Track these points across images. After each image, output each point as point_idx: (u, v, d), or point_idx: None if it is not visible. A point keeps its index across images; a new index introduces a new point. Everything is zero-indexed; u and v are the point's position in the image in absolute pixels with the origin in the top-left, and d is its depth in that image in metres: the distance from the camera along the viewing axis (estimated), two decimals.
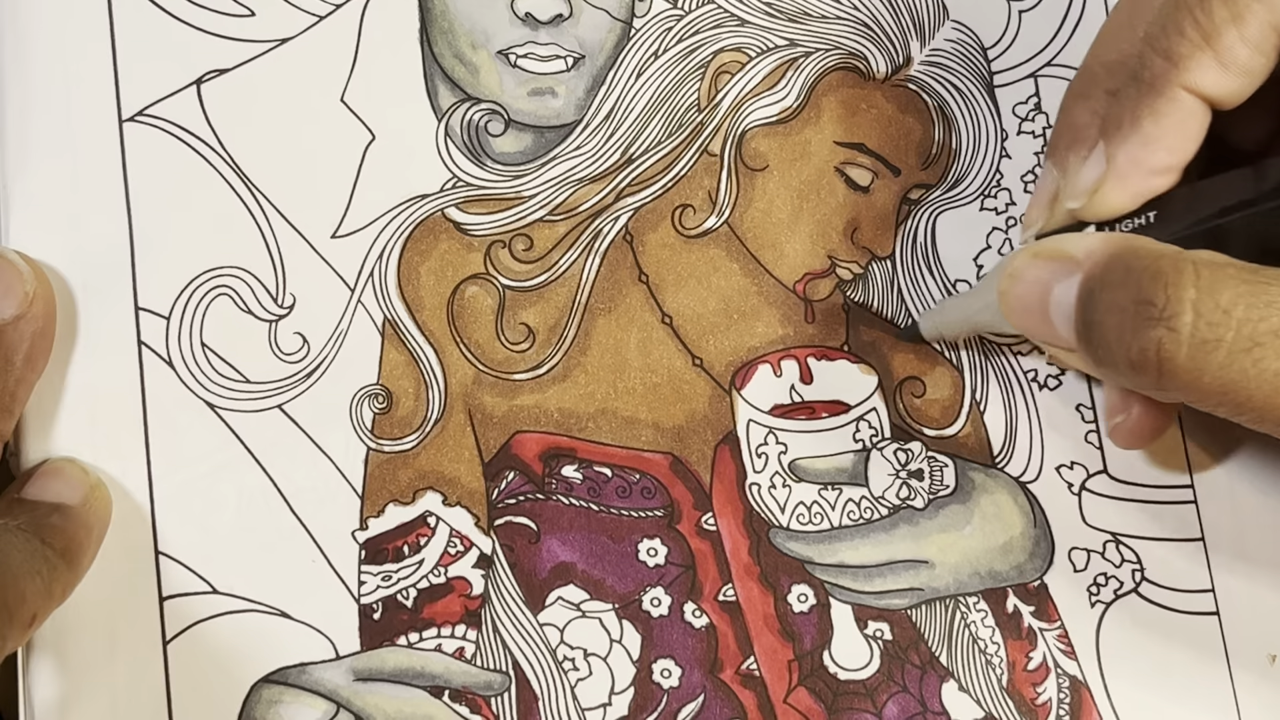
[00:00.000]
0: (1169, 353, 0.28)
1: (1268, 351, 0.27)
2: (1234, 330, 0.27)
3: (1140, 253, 0.29)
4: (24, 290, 0.33)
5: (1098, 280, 0.30)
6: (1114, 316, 0.29)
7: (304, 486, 0.35)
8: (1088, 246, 0.30)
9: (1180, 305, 0.28)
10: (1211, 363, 0.28)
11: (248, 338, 0.35)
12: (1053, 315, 0.31)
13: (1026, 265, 0.32)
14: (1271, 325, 0.27)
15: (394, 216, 0.37)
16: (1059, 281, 0.31)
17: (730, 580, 0.36)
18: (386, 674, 0.35)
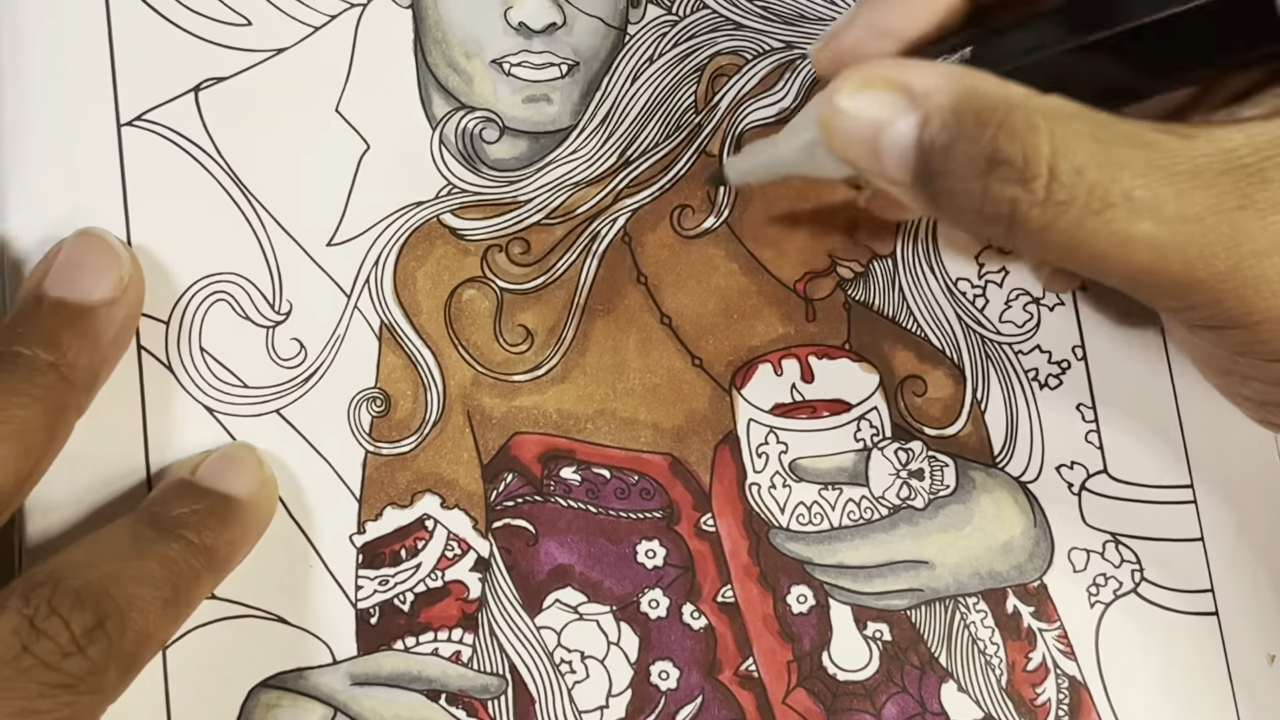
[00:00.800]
0: (1022, 211, 0.28)
1: (1118, 213, 0.27)
2: (1086, 191, 0.27)
3: (989, 99, 0.28)
4: (120, 275, 0.33)
5: (943, 127, 0.28)
6: (964, 168, 0.28)
7: (301, 491, 0.35)
8: (927, 80, 0.29)
9: (1037, 166, 0.27)
10: (1063, 221, 0.27)
11: (246, 343, 0.36)
12: (884, 154, 0.29)
13: (855, 96, 0.29)
14: (1122, 187, 0.27)
15: (389, 223, 0.37)
16: (894, 118, 0.29)
17: (729, 581, 0.37)
18: (383, 678, 0.35)
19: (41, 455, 0.31)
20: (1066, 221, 0.27)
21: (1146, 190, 0.27)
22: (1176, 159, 0.27)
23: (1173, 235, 0.27)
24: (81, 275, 0.32)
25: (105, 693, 0.29)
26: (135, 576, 0.30)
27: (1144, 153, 0.27)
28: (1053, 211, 0.27)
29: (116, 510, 0.34)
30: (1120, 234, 0.27)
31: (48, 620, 0.28)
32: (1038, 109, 0.28)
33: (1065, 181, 0.27)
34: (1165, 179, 0.27)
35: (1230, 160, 0.27)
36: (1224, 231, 0.27)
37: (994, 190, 0.28)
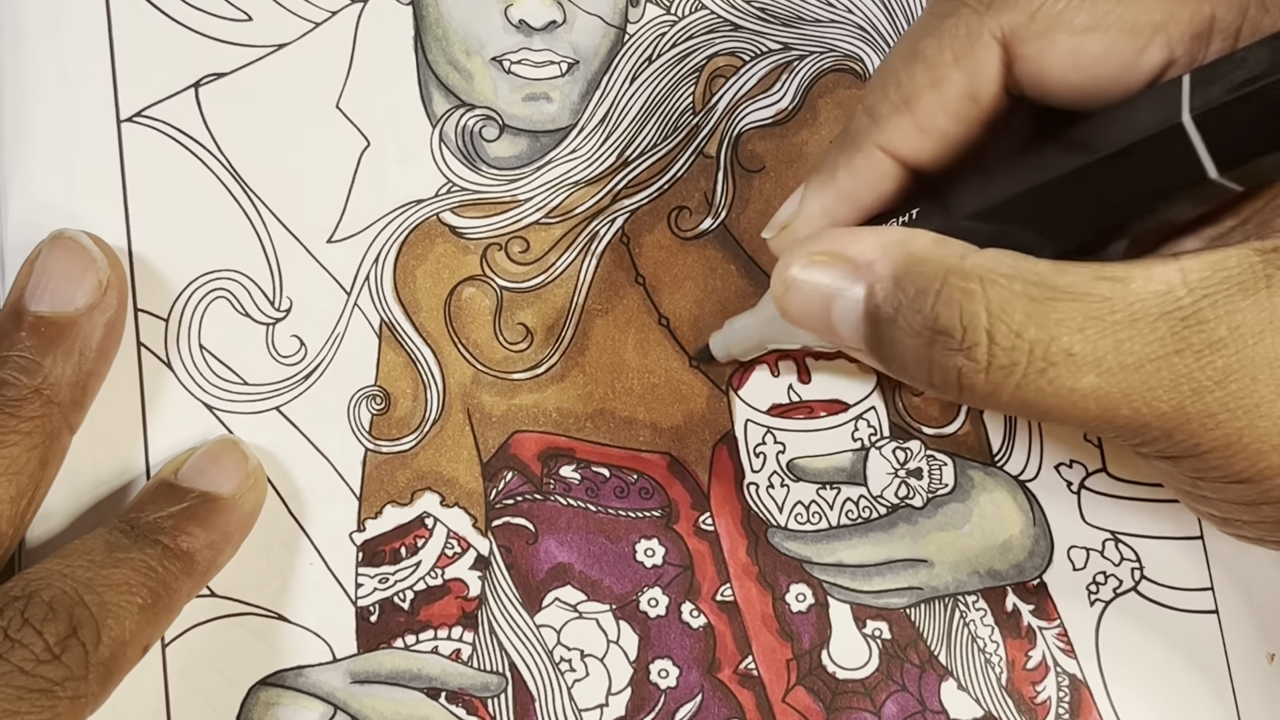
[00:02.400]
0: (969, 381, 0.28)
1: (1060, 370, 0.28)
2: (1027, 354, 0.28)
3: (926, 264, 0.29)
4: (98, 279, 0.32)
5: (885, 300, 0.29)
6: (909, 340, 0.29)
7: (301, 488, 0.35)
8: (866, 252, 0.30)
9: (976, 335, 0.28)
10: (1009, 384, 0.28)
11: (246, 340, 0.35)
12: (837, 325, 0.30)
13: (803, 272, 0.30)
14: (1063, 345, 0.27)
15: (389, 221, 0.37)
16: (841, 289, 0.30)
17: (728, 580, 0.36)
18: (383, 676, 0.35)
19: (36, 488, 0.31)
20: (1011, 384, 0.28)
21: (1085, 345, 0.27)
22: (1114, 308, 0.27)
23: (1115, 385, 0.28)
24: (58, 285, 0.32)
25: (85, 698, 0.29)
26: (109, 584, 0.30)
27: (1080, 306, 0.27)
28: (997, 375, 0.28)
29: (116, 511, 0.34)
30: (1065, 389, 0.28)
31: (21, 630, 0.28)
32: (973, 271, 0.28)
33: (1005, 345, 0.28)
34: (1103, 331, 0.27)
35: (1166, 303, 0.27)
36: (1164, 375, 0.27)
37: (938, 359, 0.29)
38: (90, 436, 0.34)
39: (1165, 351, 0.27)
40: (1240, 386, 0.27)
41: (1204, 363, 0.27)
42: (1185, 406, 0.28)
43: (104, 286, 0.32)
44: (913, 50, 0.30)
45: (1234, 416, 0.27)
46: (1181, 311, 0.27)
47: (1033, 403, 0.28)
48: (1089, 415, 0.28)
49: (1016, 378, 0.28)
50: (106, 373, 0.33)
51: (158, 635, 0.32)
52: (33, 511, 0.32)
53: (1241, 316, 0.27)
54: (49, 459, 0.31)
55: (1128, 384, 0.27)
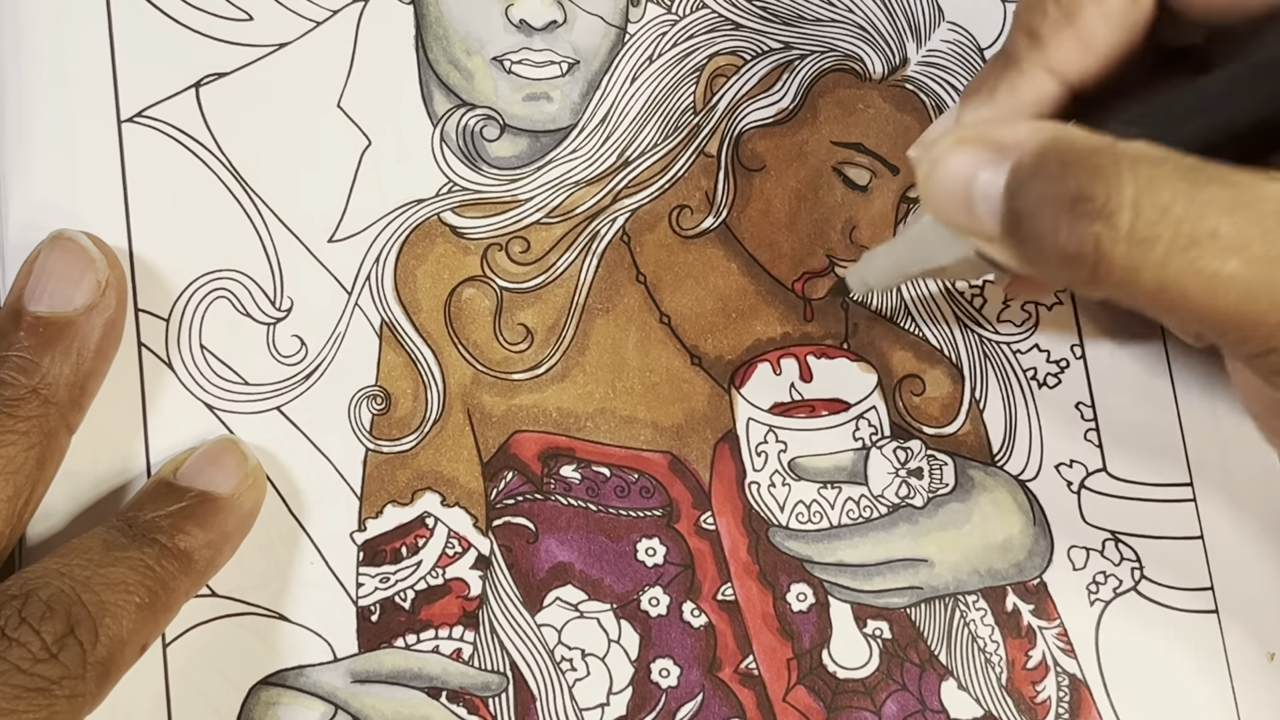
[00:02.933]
0: (1106, 249, 0.27)
1: (1204, 251, 0.27)
2: (1172, 229, 0.27)
3: (1075, 144, 0.28)
4: (96, 279, 0.32)
5: (1029, 170, 0.28)
6: (1048, 209, 0.28)
7: (302, 488, 0.35)
8: (1017, 134, 0.29)
9: (1119, 201, 0.27)
10: (1149, 260, 0.27)
11: (246, 340, 0.35)
12: (976, 204, 0.30)
13: (949, 150, 0.30)
14: (1208, 225, 0.27)
15: (390, 221, 0.37)
16: (985, 169, 0.29)
17: (729, 579, 0.36)
18: (384, 676, 0.35)
19: (33, 488, 0.31)
20: (1152, 260, 0.27)
21: (1233, 228, 0.27)
22: (1264, 197, 0.27)
23: (1259, 274, 0.27)
24: (57, 285, 0.32)
25: (83, 697, 0.29)
26: (107, 583, 0.30)
27: (1231, 191, 0.27)
28: (1137, 249, 0.27)
29: (115, 511, 0.34)
30: (1207, 272, 0.27)
31: (18, 629, 0.28)
32: (1123, 151, 0.28)
33: (1149, 218, 0.27)
34: (1252, 218, 0.27)
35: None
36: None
37: (1077, 228, 0.28)
38: (90, 436, 0.34)
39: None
40: None
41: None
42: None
43: (103, 287, 0.32)
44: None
45: None
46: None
47: (1170, 284, 0.27)
48: (1226, 305, 0.27)
49: (1158, 252, 0.27)
50: (105, 373, 0.33)
51: (156, 635, 0.32)
52: (31, 511, 0.32)
53: None
54: (47, 459, 0.31)
55: (1271, 275, 0.27)
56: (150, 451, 0.34)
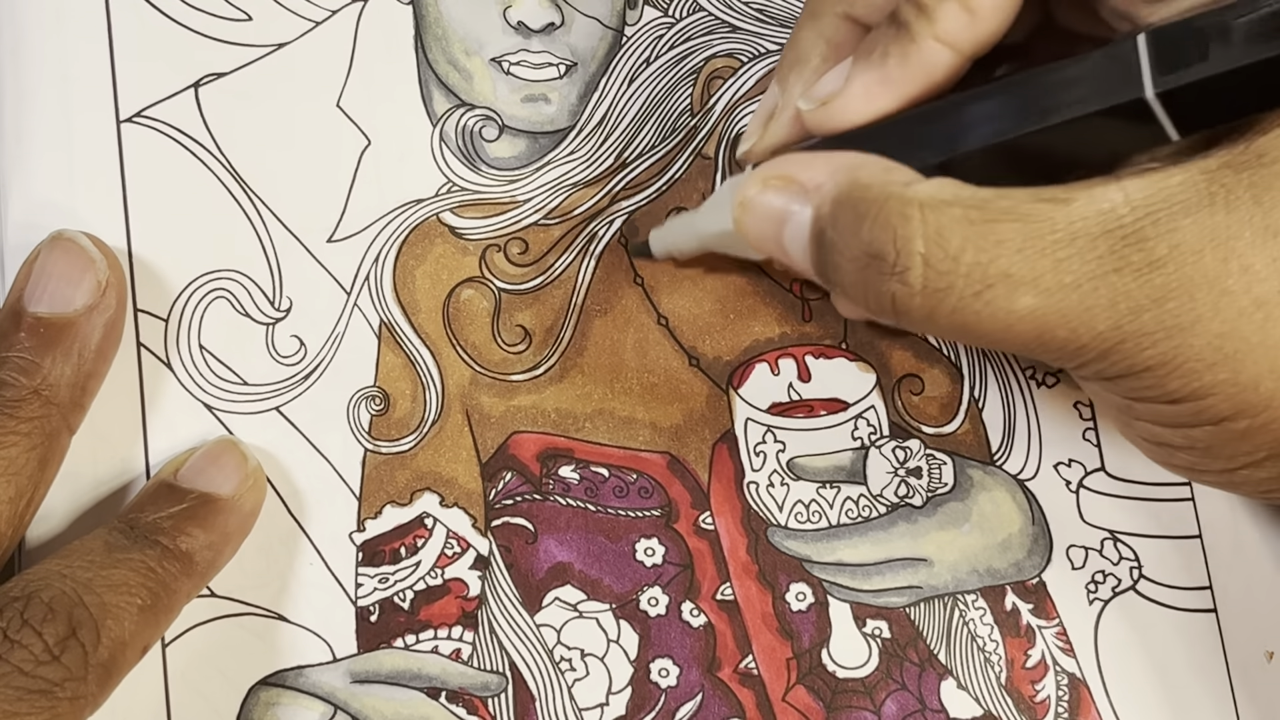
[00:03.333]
0: (903, 303, 0.29)
1: (997, 292, 0.28)
2: (964, 276, 0.28)
3: (869, 194, 0.29)
4: (96, 279, 0.32)
5: (828, 220, 0.30)
6: (848, 264, 0.29)
7: (301, 489, 0.35)
8: (815, 177, 0.30)
9: (910, 259, 0.28)
10: (944, 306, 0.28)
11: (245, 340, 0.35)
12: (788, 246, 0.31)
13: (758, 194, 0.31)
14: (1000, 267, 0.27)
15: (389, 221, 0.37)
16: (791, 212, 0.31)
17: (728, 579, 0.36)
18: (383, 676, 0.35)
19: (35, 489, 0.31)
20: (946, 307, 0.28)
21: (1024, 265, 0.27)
22: (1054, 227, 0.27)
23: (1053, 305, 0.27)
24: (57, 286, 0.32)
25: (85, 699, 0.29)
26: (109, 584, 0.30)
27: (1020, 227, 0.27)
28: (933, 299, 0.28)
29: (116, 512, 0.34)
30: (1002, 311, 0.28)
31: (20, 631, 0.28)
32: (914, 198, 0.28)
33: (941, 269, 0.28)
34: (1041, 251, 0.27)
35: (1107, 221, 0.27)
36: (1102, 294, 0.27)
37: (873, 284, 0.29)
38: (90, 437, 0.34)
39: (1104, 270, 0.27)
40: (1178, 304, 0.27)
41: (1142, 281, 0.27)
42: (1122, 325, 0.27)
43: (103, 287, 0.32)
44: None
45: (1169, 335, 0.27)
46: (1123, 230, 0.27)
47: (969, 325, 0.28)
48: (1026, 337, 0.28)
49: (952, 301, 0.28)
50: (105, 373, 0.33)
51: (157, 636, 0.32)
52: (32, 512, 0.31)
53: (1182, 235, 0.27)
54: (48, 459, 0.31)
55: (1065, 304, 0.27)
56: (150, 452, 0.34)
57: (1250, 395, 0.28)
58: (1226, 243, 0.27)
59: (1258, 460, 0.29)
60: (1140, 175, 0.28)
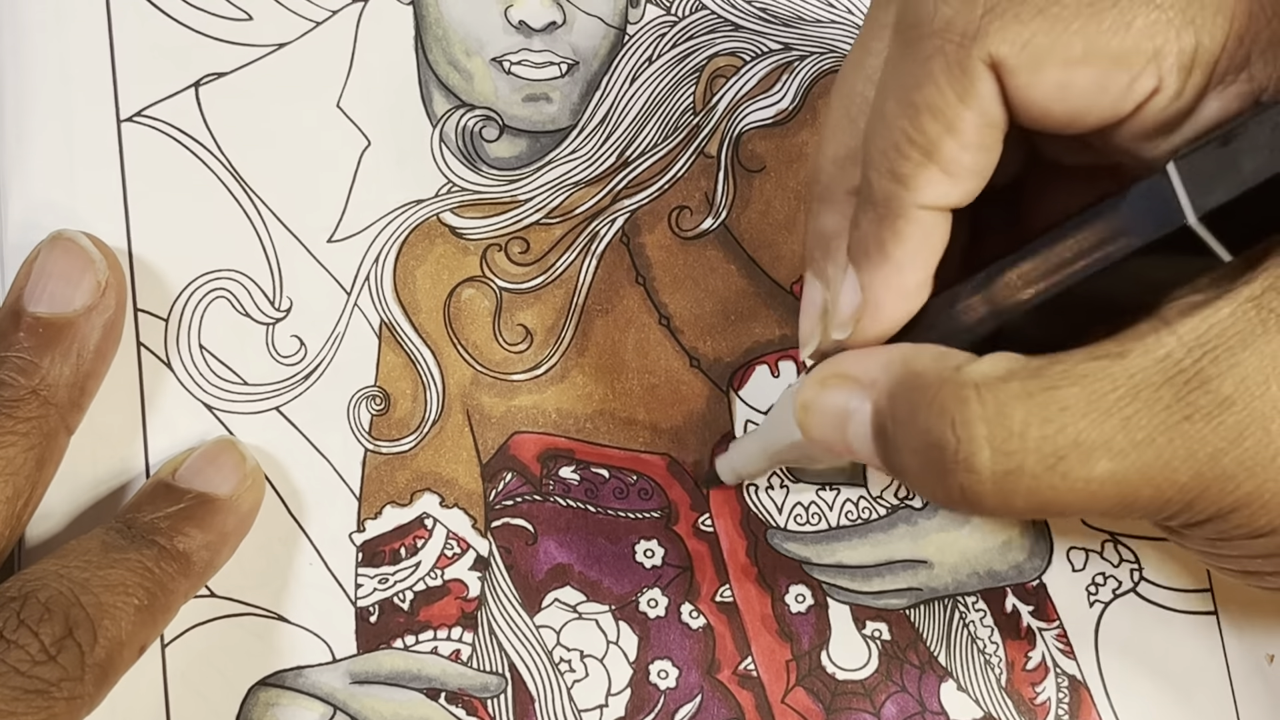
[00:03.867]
0: (975, 493, 0.27)
1: (1071, 463, 0.26)
2: (1034, 452, 0.26)
3: (921, 379, 0.28)
4: (96, 279, 0.32)
5: (888, 415, 0.28)
6: (913, 459, 0.28)
7: (301, 489, 0.35)
8: (869, 372, 0.29)
9: (973, 445, 0.27)
10: (1020, 489, 0.27)
11: (245, 340, 0.35)
12: (854, 444, 0.30)
13: (818, 396, 0.30)
14: (1069, 436, 0.26)
15: (389, 221, 0.36)
16: (852, 410, 0.29)
17: (728, 581, 0.36)
18: (383, 677, 0.35)
19: (33, 488, 0.31)
20: (1022, 489, 0.27)
21: (1093, 430, 0.26)
22: (1115, 385, 0.26)
23: (1131, 465, 0.26)
24: (57, 286, 0.31)
25: (82, 699, 0.28)
26: (105, 584, 0.29)
27: (1080, 390, 0.26)
28: (1005, 483, 0.27)
29: (114, 512, 0.34)
30: (1080, 481, 0.27)
31: (17, 631, 0.28)
32: (968, 380, 0.27)
33: (1008, 449, 0.26)
34: (1107, 412, 0.26)
35: (1167, 368, 0.26)
36: (1178, 446, 0.26)
37: (943, 481, 0.27)
38: (89, 436, 0.34)
39: (1174, 420, 0.26)
40: (1254, 441, 0.26)
41: (1215, 424, 0.26)
42: (1204, 473, 0.26)
43: (102, 288, 0.32)
44: (911, 103, 0.29)
45: (1253, 474, 0.26)
46: (1184, 375, 0.26)
47: (1050, 503, 0.27)
48: (1110, 502, 0.27)
49: (1026, 481, 0.27)
50: (105, 374, 0.33)
51: (155, 636, 0.31)
52: (30, 512, 0.31)
53: (1244, 369, 0.26)
54: (46, 460, 0.31)
55: (1143, 461, 0.26)
56: (149, 451, 0.34)
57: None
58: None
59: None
60: (1188, 315, 0.27)
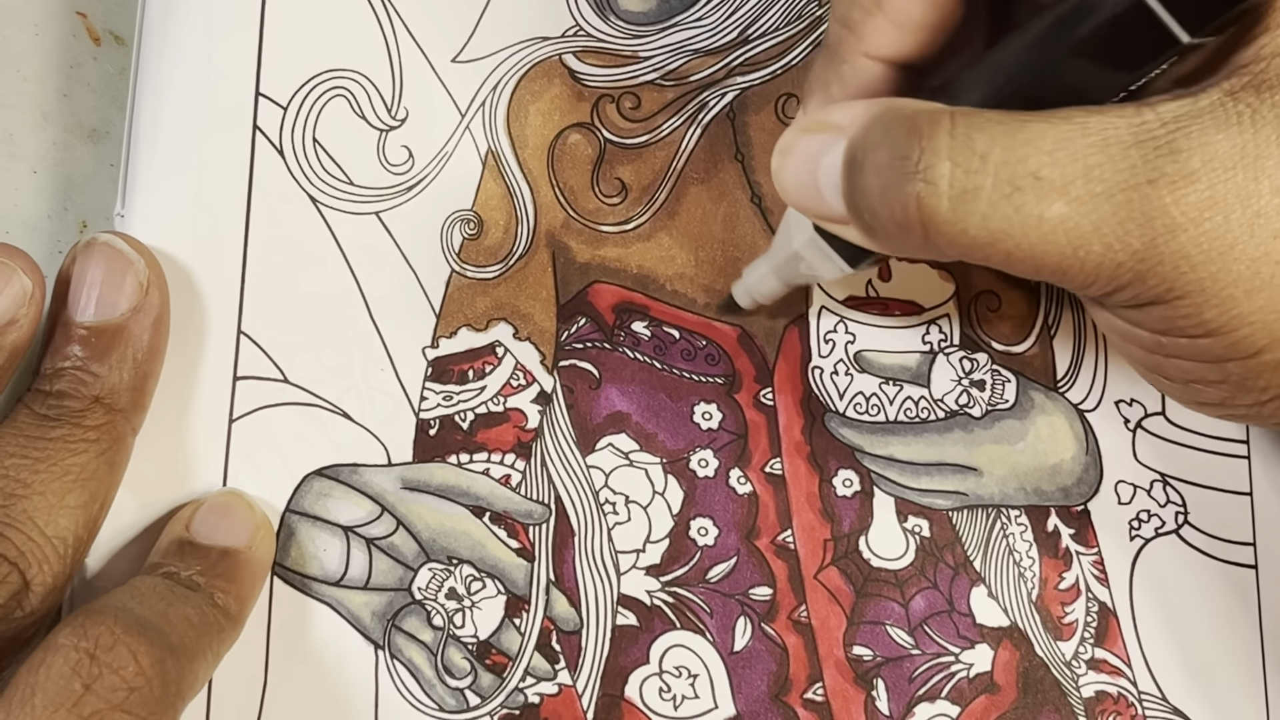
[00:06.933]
0: (930, 207, 0.26)
1: (1028, 196, 0.26)
2: (992, 175, 0.26)
3: (899, 110, 0.27)
4: (138, 281, 0.31)
5: (859, 143, 0.28)
6: (875, 178, 0.27)
7: (386, 296, 0.35)
8: (851, 111, 0.28)
9: (936, 155, 0.26)
10: (974, 213, 0.26)
11: (358, 142, 0.35)
12: (823, 188, 0.29)
13: (795, 139, 0.29)
14: (1029, 167, 0.25)
15: (514, 52, 0.36)
16: (826, 148, 0.29)
17: (779, 454, 0.36)
18: (433, 488, 0.35)
19: (108, 491, 0.31)
20: (977, 212, 0.26)
21: (1054, 169, 0.25)
22: (1085, 131, 0.26)
23: (1086, 215, 0.26)
24: (102, 294, 0.31)
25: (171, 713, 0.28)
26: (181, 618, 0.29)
27: (1050, 128, 0.26)
28: (960, 202, 0.26)
29: (210, 281, 0.34)
30: (1033, 218, 0.26)
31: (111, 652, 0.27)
32: (943, 109, 0.27)
33: (968, 167, 0.26)
34: (1074, 154, 0.25)
35: (1140, 132, 0.26)
36: (1136, 207, 0.25)
37: (900, 191, 0.26)
38: (195, 208, 0.34)
39: (1138, 180, 0.25)
40: (1214, 226, 0.25)
41: (1178, 195, 0.25)
42: (1158, 244, 0.25)
43: (145, 287, 0.31)
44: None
45: (1208, 259, 0.25)
46: (1155, 140, 0.25)
47: (1001, 233, 0.26)
48: (1060, 248, 0.26)
49: (981, 205, 0.26)
50: (159, 373, 0.32)
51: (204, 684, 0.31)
52: (105, 514, 0.31)
53: (1215, 149, 0.25)
54: (116, 463, 0.31)
55: (1098, 214, 0.25)
56: (250, 231, 0.34)
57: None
58: (1257, 161, 0.25)
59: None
60: (1166, 98, 0.26)
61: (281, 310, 0.34)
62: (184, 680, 0.28)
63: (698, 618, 0.34)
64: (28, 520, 0.29)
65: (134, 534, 0.33)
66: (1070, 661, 0.35)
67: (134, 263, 0.31)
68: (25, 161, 0.36)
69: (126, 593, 0.29)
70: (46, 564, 0.29)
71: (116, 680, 0.27)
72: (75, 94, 0.36)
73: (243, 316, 0.34)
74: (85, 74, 0.37)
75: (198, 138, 0.34)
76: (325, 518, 0.34)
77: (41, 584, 0.29)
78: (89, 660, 0.27)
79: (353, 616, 0.34)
